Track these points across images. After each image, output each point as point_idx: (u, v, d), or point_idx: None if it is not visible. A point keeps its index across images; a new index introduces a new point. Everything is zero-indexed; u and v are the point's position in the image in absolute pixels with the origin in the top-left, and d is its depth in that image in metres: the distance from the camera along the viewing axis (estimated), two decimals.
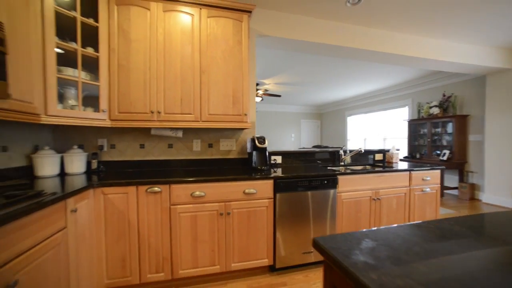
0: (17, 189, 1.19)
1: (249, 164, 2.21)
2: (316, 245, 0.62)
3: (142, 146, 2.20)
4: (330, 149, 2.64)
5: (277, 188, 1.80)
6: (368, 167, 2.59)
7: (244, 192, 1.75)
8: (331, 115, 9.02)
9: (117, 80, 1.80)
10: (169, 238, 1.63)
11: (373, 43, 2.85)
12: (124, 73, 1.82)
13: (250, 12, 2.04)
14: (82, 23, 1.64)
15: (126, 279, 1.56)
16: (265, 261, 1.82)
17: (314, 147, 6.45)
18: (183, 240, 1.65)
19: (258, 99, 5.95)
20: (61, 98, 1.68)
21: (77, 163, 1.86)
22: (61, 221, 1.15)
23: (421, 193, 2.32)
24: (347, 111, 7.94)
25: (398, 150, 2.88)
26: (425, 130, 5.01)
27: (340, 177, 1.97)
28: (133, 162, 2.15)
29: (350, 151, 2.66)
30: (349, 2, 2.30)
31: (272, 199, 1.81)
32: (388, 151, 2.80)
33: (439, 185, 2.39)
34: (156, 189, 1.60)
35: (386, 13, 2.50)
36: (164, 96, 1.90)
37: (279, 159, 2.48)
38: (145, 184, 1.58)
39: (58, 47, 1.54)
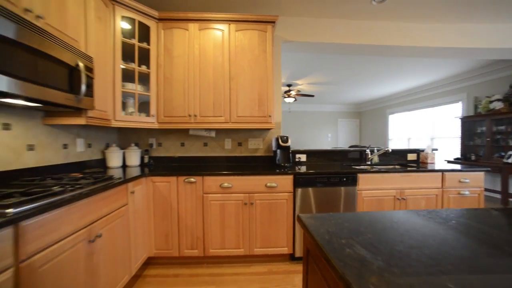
0: (97, 174, 1.63)
1: (274, 161, 2.41)
2: (299, 219, 0.79)
3: (182, 144, 2.60)
4: (356, 149, 2.64)
5: (296, 183, 1.96)
6: (397, 167, 2.51)
7: (266, 186, 1.96)
8: (370, 114, 8.51)
9: (163, 90, 2.21)
10: (202, 221, 1.94)
11: (410, 38, 2.71)
12: (168, 84, 2.21)
13: (273, 22, 2.24)
14: (139, 47, 2.08)
15: (168, 251, 1.93)
16: (285, 250, 1.99)
17: (350, 147, 6.25)
18: (213, 224, 1.95)
19: (290, 100, 6.06)
20: (124, 106, 2.15)
21: (134, 157, 2.33)
22: (124, 199, 1.55)
23: (458, 196, 2.16)
24: (389, 109, 7.40)
25: (436, 149, 2.70)
26: (483, 128, 4.40)
27: (360, 175, 2.01)
28: (175, 158, 2.57)
29: (378, 150, 2.61)
30: (374, 0, 2.29)
31: (292, 193, 1.97)
32: (422, 151, 2.65)
33: (482, 189, 2.19)
34: (192, 179, 1.93)
35: (422, 3, 2.37)
36: (200, 101, 2.23)
37: (303, 157, 2.61)
38: (183, 175, 1.93)
39: (122, 68, 1.99)
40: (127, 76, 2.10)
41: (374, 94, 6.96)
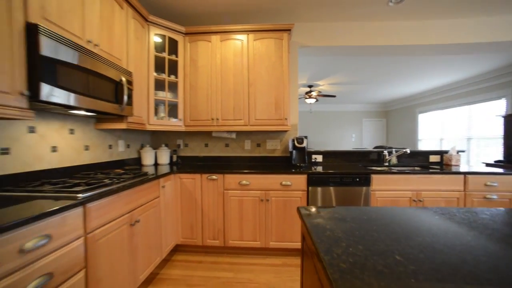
0: (135, 171, 1.93)
1: (290, 161, 2.53)
2: (298, 211, 0.94)
3: (206, 145, 2.85)
4: (374, 149, 2.65)
5: (310, 182, 2.07)
6: (417, 168, 2.47)
7: (281, 184, 2.11)
8: (398, 113, 8.10)
9: (189, 96, 2.47)
10: (223, 215, 2.15)
11: (430, 36, 2.64)
12: (193, 91, 2.47)
13: (289, 30, 2.37)
14: (168, 59, 2.37)
15: (193, 240, 2.17)
16: (299, 245, 2.11)
17: (376, 148, 6.09)
18: (233, 218, 2.15)
19: (312, 101, 6.08)
20: (156, 111, 2.45)
21: (164, 156, 2.64)
22: (157, 192, 1.81)
23: (484, 200, 2.08)
24: (418, 108, 6.99)
25: (462, 151, 2.59)
26: None
27: (374, 176, 2.05)
28: (200, 157, 2.83)
29: (396, 151, 2.59)
30: (391, 1, 2.30)
31: (306, 192, 2.09)
32: (446, 152, 2.56)
33: None
34: (214, 177, 2.15)
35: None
36: (221, 106, 2.45)
37: (319, 158, 2.69)
38: (206, 173, 2.15)
39: (155, 78, 2.29)
40: (158, 84, 2.40)
41: (402, 92, 6.63)
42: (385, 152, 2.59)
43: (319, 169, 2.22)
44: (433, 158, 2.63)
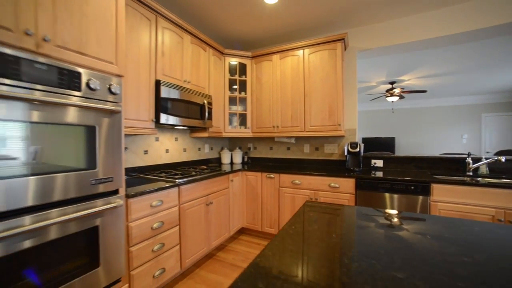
0: (215, 167, 2.63)
1: (345, 165, 2.60)
2: (305, 203, 1.21)
3: (271, 148, 3.31)
4: (450, 156, 2.29)
5: (358, 186, 2.13)
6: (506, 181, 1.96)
7: (329, 185, 2.27)
8: None
9: (255, 108, 3.00)
10: (278, 208, 2.54)
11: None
12: (259, 103, 2.98)
13: (342, 40, 2.46)
14: (239, 80, 2.99)
15: (254, 225, 2.68)
16: None
17: (497, 154, 4.85)
18: (286, 211, 2.49)
19: (394, 98, 5.42)
20: (230, 122, 3.14)
21: (238, 157, 3.30)
22: (226, 184, 2.42)
23: None
24: None
25: None
26: None
27: (435, 185, 1.86)
28: (266, 159, 3.32)
29: (486, 158, 2.13)
30: None
31: (354, 195, 2.16)
32: None
33: None
34: (271, 176, 2.57)
35: None
36: (281, 115, 2.84)
37: (380, 163, 2.59)
38: (265, 172, 2.61)
39: (229, 96, 2.97)
40: (231, 100, 3.07)
41: None
42: (468, 160, 2.19)
43: (379, 174, 2.20)
44: None
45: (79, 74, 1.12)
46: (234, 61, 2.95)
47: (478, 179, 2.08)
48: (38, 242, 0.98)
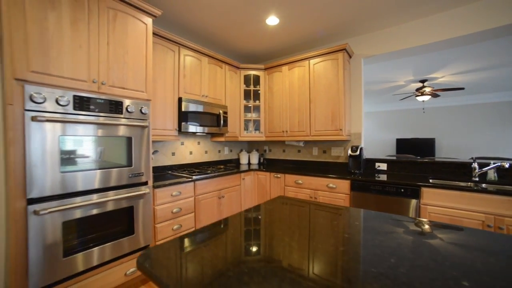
0: (231, 167, 3.07)
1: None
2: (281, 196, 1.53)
3: (284, 150, 3.61)
4: (453, 160, 2.27)
5: (353, 187, 2.30)
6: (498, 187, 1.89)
7: (327, 186, 2.49)
8: None
9: (268, 115, 3.35)
10: None
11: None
12: (270, 110, 3.32)
13: (343, 49, 2.64)
14: (253, 90, 3.38)
15: None
16: None
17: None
18: None
19: (425, 98, 5.11)
20: (245, 127, 3.54)
21: (254, 158, 3.68)
22: (238, 181, 2.84)
23: None
24: None
25: None
26: None
27: (425, 189, 1.94)
28: (279, 160, 3.64)
29: (494, 163, 2.07)
30: None
31: (349, 195, 2.34)
32: None
33: None
34: (278, 175, 2.89)
35: None
36: (289, 121, 3.13)
37: (384, 166, 2.68)
38: (272, 172, 2.94)
39: (244, 104, 3.37)
40: (246, 108, 3.47)
41: None
42: (474, 165, 2.15)
43: (382, 177, 2.32)
44: None
45: (122, 102, 1.66)
46: (248, 74, 3.34)
47: (483, 185, 2.05)
48: (101, 211, 1.55)
